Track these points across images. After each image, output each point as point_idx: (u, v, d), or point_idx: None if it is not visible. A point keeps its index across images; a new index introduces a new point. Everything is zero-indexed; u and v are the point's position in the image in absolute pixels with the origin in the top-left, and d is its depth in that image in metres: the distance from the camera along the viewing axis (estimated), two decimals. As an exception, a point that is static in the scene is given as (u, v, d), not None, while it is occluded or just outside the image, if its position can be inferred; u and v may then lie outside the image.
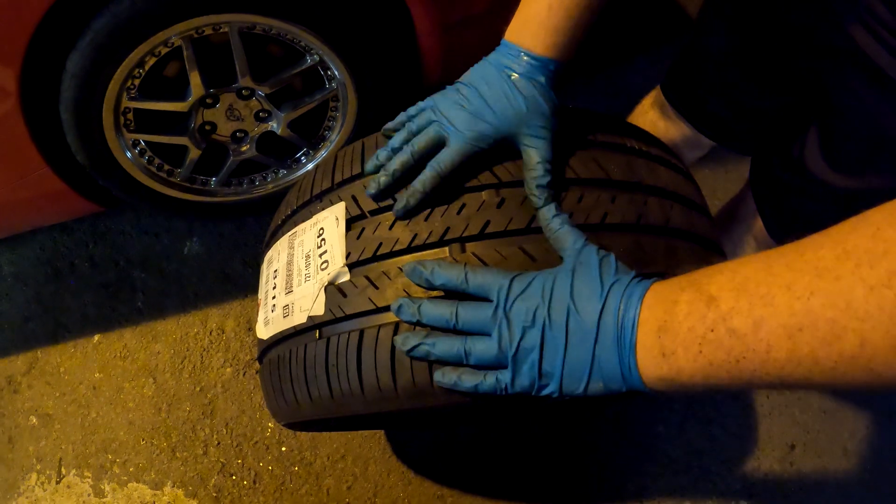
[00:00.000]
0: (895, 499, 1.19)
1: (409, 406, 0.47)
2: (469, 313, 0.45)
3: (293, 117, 1.11)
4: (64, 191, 1.14)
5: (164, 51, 0.97)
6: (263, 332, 0.59)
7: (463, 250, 0.49)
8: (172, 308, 1.33)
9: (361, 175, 0.55)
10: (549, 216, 0.48)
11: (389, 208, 0.52)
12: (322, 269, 0.53)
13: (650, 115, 1.02)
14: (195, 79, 1.01)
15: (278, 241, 0.61)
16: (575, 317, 0.42)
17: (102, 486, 1.23)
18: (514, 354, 0.43)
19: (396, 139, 0.54)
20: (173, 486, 1.20)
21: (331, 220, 0.54)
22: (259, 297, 0.65)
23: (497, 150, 0.52)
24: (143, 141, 1.10)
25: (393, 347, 0.47)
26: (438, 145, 0.52)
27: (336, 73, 1.05)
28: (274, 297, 0.58)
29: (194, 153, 1.12)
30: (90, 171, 1.12)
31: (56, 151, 1.07)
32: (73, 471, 1.26)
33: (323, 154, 1.19)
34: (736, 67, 0.78)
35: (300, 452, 1.19)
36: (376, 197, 0.53)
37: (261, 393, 1.22)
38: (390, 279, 0.49)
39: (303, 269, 0.55)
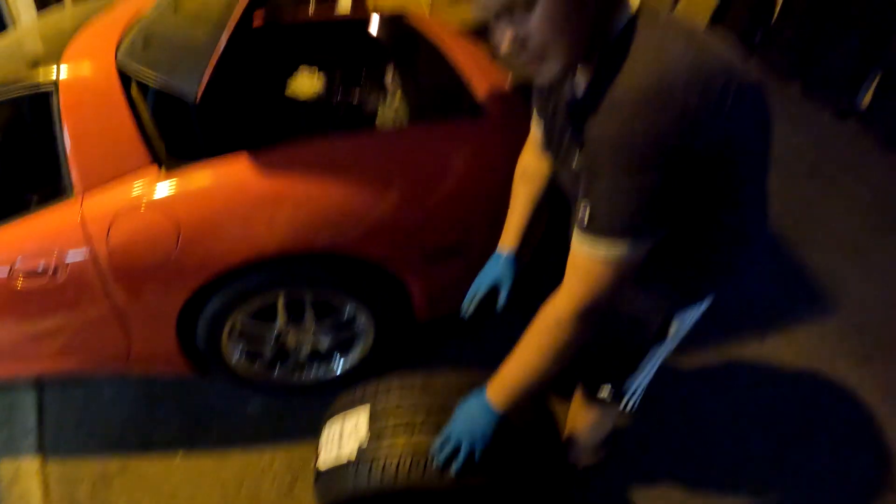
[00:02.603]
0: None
1: (391, 491, 1.15)
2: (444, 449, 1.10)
3: (334, 340, 1.87)
4: (181, 359, 1.81)
5: (268, 300, 1.74)
6: (323, 464, 1.27)
7: (409, 431, 1.19)
8: (238, 444, 1.91)
9: (376, 397, 1.25)
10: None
11: (386, 415, 1.21)
12: (357, 437, 1.22)
13: None
14: (281, 317, 1.77)
15: (335, 420, 1.30)
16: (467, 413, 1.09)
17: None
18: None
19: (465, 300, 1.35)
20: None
21: (362, 415, 1.25)
22: (319, 448, 1.32)
23: None
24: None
25: (383, 464, 1.14)
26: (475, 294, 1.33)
27: (362, 318, 1.81)
28: (331, 446, 1.26)
29: (270, 353, 1.87)
30: (203, 354, 1.83)
31: (185, 339, 1.75)
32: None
33: (349, 361, 1.93)
34: None
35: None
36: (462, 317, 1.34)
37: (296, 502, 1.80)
38: (383, 440, 1.18)
39: (347, 436, 1.24)
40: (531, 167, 1.30)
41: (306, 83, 2.39)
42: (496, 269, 1.33)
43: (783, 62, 4.58)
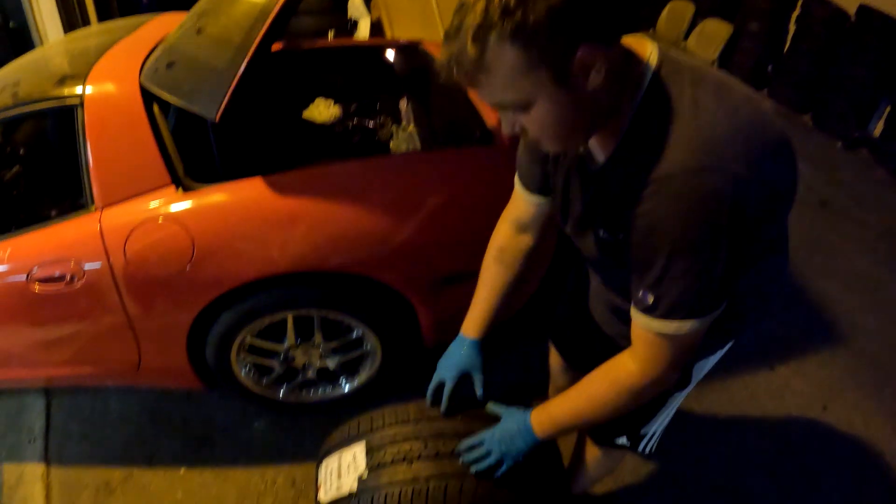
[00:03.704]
0: None
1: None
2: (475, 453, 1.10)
3: (341, 361, 1.88)
4: (189, 372, 1.84)
5: (277, 318, 1.76)
6: (325, 498, 1.28)
7: (408, 461, 1.20)
8: (241, 462, 1.93)
9: (370, 430, 1.26)
10: (492, 407, 1.17)
11: (383, 447, 1.23)
12: (356, 470, 1.24)
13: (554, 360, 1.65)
14: (290, 335, 1.79)
15: (332, 456, 1.31)
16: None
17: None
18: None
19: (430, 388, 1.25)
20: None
21: (358, 449, 1.26)
22: (319, 481, 1.33)
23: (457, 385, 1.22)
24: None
25: (385, 495, 1.15)
26: (442, 383, 1.23)
27: (370, 340, 1.83)
28: (331, 481, 1.27)
29: (278, 371, 1.88)
30: (212, 369, 1.85)
31: (194, 352, 1.78)
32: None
33: (355, 382, 1.94)
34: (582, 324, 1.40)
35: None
36: (431, 404, 1.24)
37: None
38: (382, 471, 1.19)
39: (345, 470, 1.25)
40: (509, 246, 1.22)
41: (322, 110, 2.45)
42: (461, 357, 1.23)
43: (794, 94, 4.62)
